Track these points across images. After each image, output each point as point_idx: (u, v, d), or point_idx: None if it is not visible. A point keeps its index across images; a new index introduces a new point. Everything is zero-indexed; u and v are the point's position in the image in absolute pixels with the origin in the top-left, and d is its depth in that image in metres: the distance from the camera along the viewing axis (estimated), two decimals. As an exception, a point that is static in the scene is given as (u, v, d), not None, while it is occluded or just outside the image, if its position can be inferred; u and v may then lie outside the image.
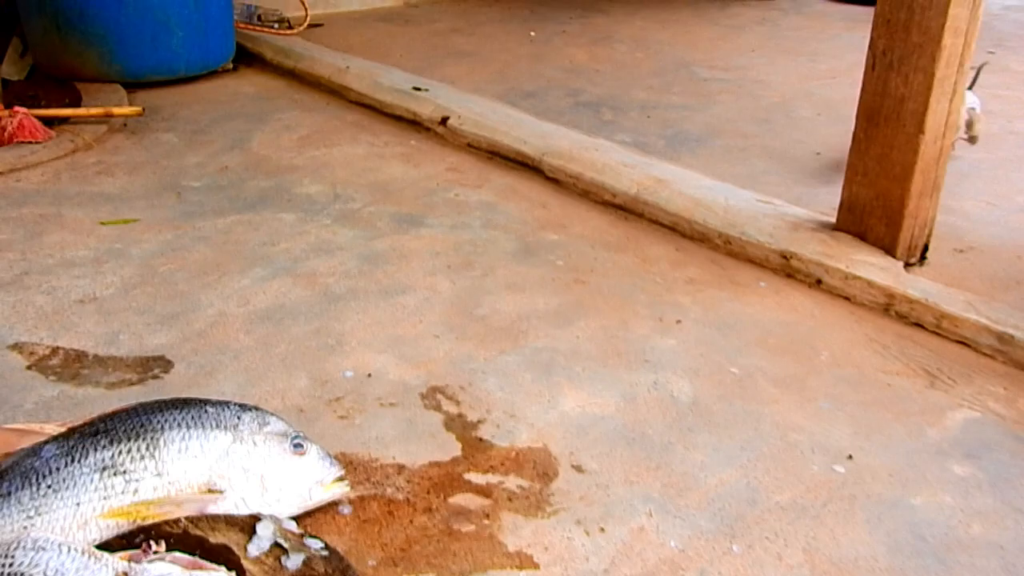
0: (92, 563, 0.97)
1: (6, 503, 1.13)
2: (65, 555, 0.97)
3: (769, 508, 1.42)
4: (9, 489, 1.15)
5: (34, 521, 1.12)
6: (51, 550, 0.98)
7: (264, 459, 1.25)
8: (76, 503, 1.14)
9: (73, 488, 1.14)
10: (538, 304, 1.99)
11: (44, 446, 1.20)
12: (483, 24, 4.93)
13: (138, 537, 1.12)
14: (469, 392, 1.66)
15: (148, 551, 1.07)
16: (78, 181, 2.68)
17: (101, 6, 3.54)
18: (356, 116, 3.32)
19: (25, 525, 1.12)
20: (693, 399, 1.68)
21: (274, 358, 1.74)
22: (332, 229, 2.34)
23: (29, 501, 1.14)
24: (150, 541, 1.10)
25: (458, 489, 1.41)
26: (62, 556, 0.97)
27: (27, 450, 1.21)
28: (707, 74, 3.94)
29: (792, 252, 2.13)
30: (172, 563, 1.03)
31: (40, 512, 1.13)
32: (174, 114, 3.33)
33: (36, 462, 1.17)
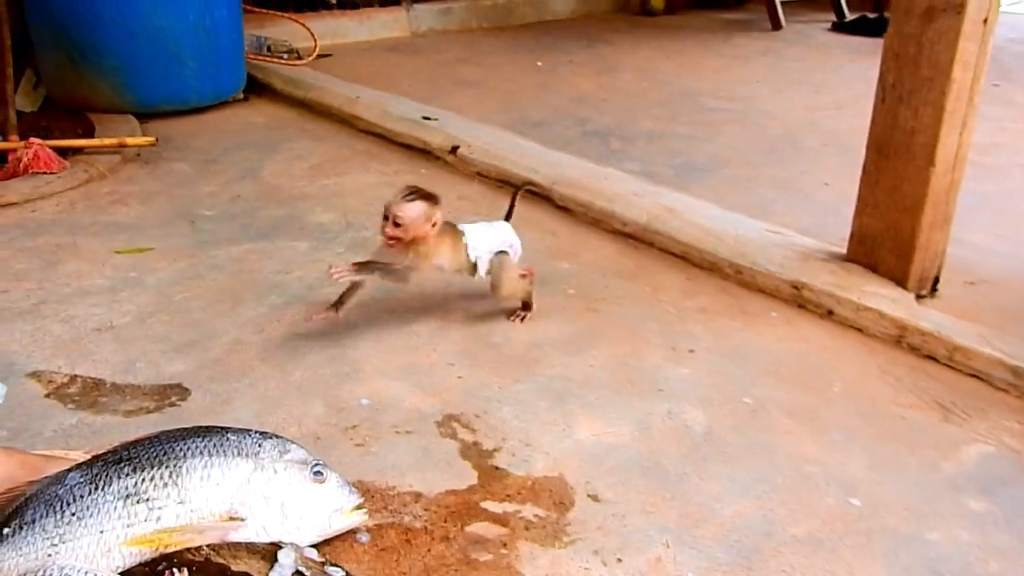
0: (118, 591, 0.98)
1: (31, 531, 1.14)
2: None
3: (785, 541, 1.42)
4: (34, 517, 1.15)
5: (59, 549, 1.13)
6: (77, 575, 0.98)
7: (284, 487, 1.26)
8: (100, 531, 1.14)
9: (97, 516, 1.15)
10: (551, 332, 2.00)
11: (68, 474, 1.21)
12: (489, 54, 4.99)
13: (161, 565, 1.13)
14: (484, 420, 1.67)
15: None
16: (93, 211, 2.71)
17: (115, 38, 3.60)
18: (366, 145, 3.36)
19: (50, 553, 1.12)
20: (707, 429, 1.69)
21: (290, 385, 1.75)
22: (345, 257, 2.35)
23: (54, 529, 1.14)
24: (173, 569, 1.10)
25: (475, 518, 1.41)
26: (88, 584, 0.97)
27: (51, 478, 1.22)
28: (713, 104, 3.99)
29: (803, 283, 2.15)
30: (197, 591, 1.03)
31: (64, 540, 1.13)
32: (186, 144, 3.37)
33: (60, 490, 1.18)
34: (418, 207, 1.84)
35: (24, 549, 1.13)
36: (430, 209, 1.86)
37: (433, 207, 1.87)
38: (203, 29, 3.74)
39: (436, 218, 1.88)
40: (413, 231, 1.84)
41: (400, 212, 1.83)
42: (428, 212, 1.86)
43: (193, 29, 3.71)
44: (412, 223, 1.83)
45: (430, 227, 1.87)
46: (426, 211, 1.85)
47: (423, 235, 1.86)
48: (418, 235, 1.85)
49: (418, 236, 1.86)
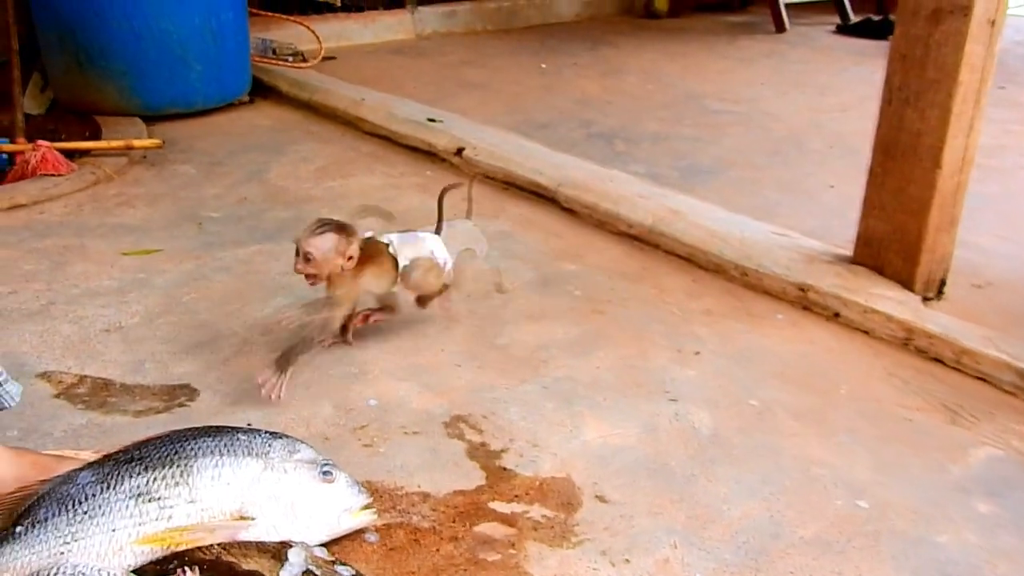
0: (130, 589, 0.98)
1: (43, 529, 1.15)
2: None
3: (793, 543, 1.42)
4: (46, 515, 1.16)
5: (70, 547, 1.13)
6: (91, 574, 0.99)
7: (294, 486, 1.26)
8: (111, 529, 1.15)
9: (108, 514, 1.16)
10: (557, 334, 2.00)
11: (79, 473, 1.22)
12: (493, 56, 5.00)
13: (172, 563, 1.13)
14: (491, 421, 1.67)
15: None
16: (100, 213, 2.72)
17: (121, 42, 3.61)
18: (371, 147, 3.37)
19: (61, 551, 1.13)
20: (714, 431, 1.69)
21: (298, 386, 1.76)
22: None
23: (65, 527, 1.15)
24: (184, 567, 1.11)
25: (483, 518, 1.42)
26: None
27: (62, 477, 1.22)
28: (717, 106, 3.99)
29: (809, 285, 2.15)
30: (207, 590, 1.04)
31: (76, 538, 1.14)
32: (192, 146, 3.38)
33: (72, 489, 1.19)
34: (329, 240, 1.72)
35: (37, 547, 1.14)
36: (344, 242, 1.74)
37: (347, 240, 1.74)
38: (209, 32, 3.76)
39: (352, 251, 1.75)
40: (327, 267, 1.73)
41: (310, 247, 1.71)
42: (341, 246, 1.73)
43: (199, 32, 3.73)
44: (324, 258, 1.72)
45: (346, 261, 1.75)
46: (338, 245, 1.73)
47: (338, 270, 1.75)
48: (333, 271, 1.75)
49: (333, 272, 1.75)
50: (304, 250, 1.72)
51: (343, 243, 1.74)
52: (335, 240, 1.74)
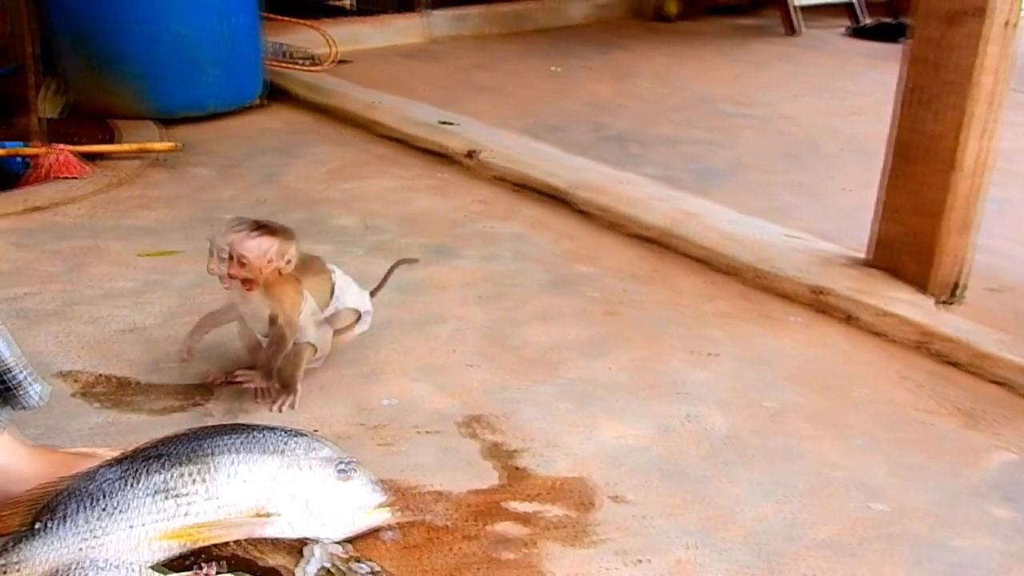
0: (152, 584, 0.99)
1: (64, 525, 1.16)
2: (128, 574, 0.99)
3: (808, 545, 1.41)
4: (67, 512, 1.17)
5: (91, 543, 1.14)
6: (111, 571, 1.00)
7: (311, 484, 1.27)
8: (131, 526, 1.16)
9: (128, 511, 1.17)
10: (571, 335, 2.01)
11: (100, 470, 1.23)
12: (505, 60, 5.02)
13: (191, 559, 1.14)
14: (506, 421, 1.68)
15: (201, 573, 1.09)
16: (117, 215, 2.74)
17: (137, 46, 3.64)
18: (385, 150, 3.38)
19: (82, 547, 1.14)
20: (728, 433, 1.69)
21: (314, 386, 1.77)
22: (366, 260, 2.37)
23: (86, 523, 1.16)
24: (204, 563, 1.12)
25: (499, 517, 1.42)
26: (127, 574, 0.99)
27: (83, 474, 1.23)
28: (731, 109, 3.99)
29: (824, 288, 2.14)
30: (229, 585, 1.05)
31: (97, 534, 1.15)
32: (208, 149, 3.40)
33: (92, 485, 1.20)
34: (266, 243, 1.59)
35: (57, 544, 1.15)
36: (282, 245, 1.61)
37: (285, 243, 1.61)
38: (223, 36, 3.79)
39: (290, 255, 1.62)
40: (260, 271, 1.60)
41: (243, 249, 1.57)
42: (280, 248, 1.60)
43: (214, 36, 3.76)
44: (258, 261, 1.58)
45: (284, 265, 1.62)
46: (278, 248, 1.60)
47: (272, 276, 1.62)
48: (268, 276, 1.61)
49: (269, 277, 1.61)
50: (238, 252, 1.57)
51: (282, 246, 1.61)
52: (271, 243, 1.60)
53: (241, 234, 1.59)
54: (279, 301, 1.64)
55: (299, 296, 1.67)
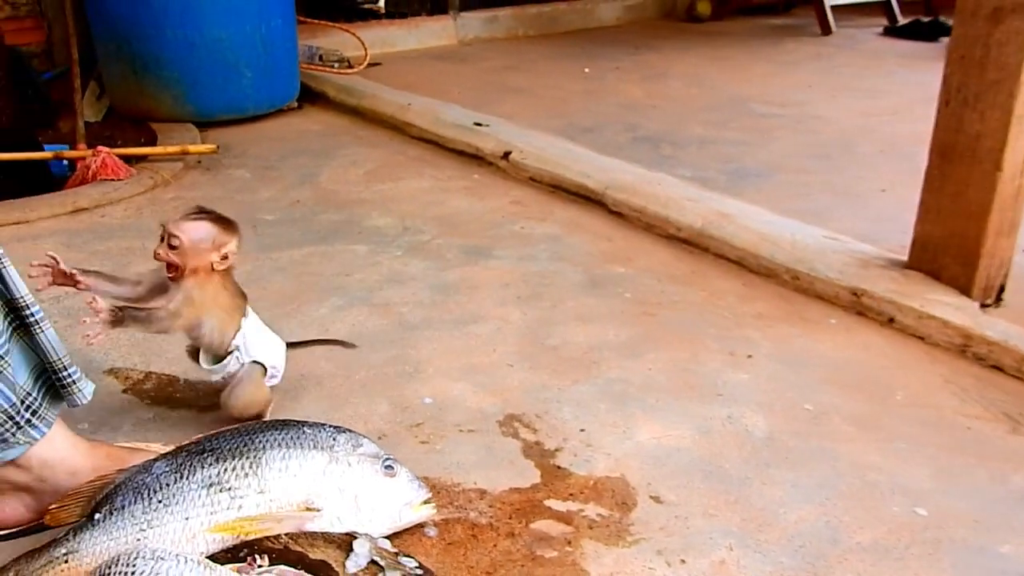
0: (208, 573, 1.02)
1: (121, 516, 1.19)
2: (183, 564, 1.02)
3: (851, 548, 1.41)
4: (123, 503, 1.21)
5: (146, 534, 1.17)
6: (169, 560, 1.03)
7: (358, 479, 1.29)
8: (185, 517, 1.19)
9: (182, 503, 1.20)
10: (608, 336, 2.01)
11: (154, 463, 1.26)
12: (536, 61, 5.03)
13: (242, 551, 1.17)
14: (545, 420, 1.69)
15: (253, 564, 1.11)
16: (159, 215, 2.79)
17: (176, 50, 3.71)
18: (419, 151, 3.41)
19: (138, 537, 1.17)
20: (768, 434, 1.69)
21: (355, 384, 1.79)
22: (403, 260, 2.40)
23: (141, 515, 1.19)
24: (254, 555, 1.14)
25: (539, 515, 1.43)
26: (180, 566, 1.02)
27: (138, 467, 1.27)
28: (764, 110, 3.97)
29: (863, 290, 2.13)
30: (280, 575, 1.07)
31: (152, 525, 1.18)
32: (245, 151, 3.45)
33: (147, 478, 1.23)
34: (203, 228, 1.45)
35: (115, 533, 1.18)
36: (221, 236, 1.46)
37: (227, 235, 1.47)
38: (260, 40, 3.85)
39: (230, 250, 1.48)
40: (195, 259, 1.45)
41: (178, 231, 1.43)
42: (218, 239, 1.46)
43: (250, 40, 3.82)
44: (192, 248, 1.43)
45: (219, 260, 1.47)
46: (216, 237, 1.45)
47: (205, 269, 1.47)
48: (200, 266, 1.46)
49: (200, 268, 1.46)
50: (170, 233, 1.43)
51: (221, 237, 1.47)
52: (211, 230, 1.46)
53: (183, 217, 1.46)
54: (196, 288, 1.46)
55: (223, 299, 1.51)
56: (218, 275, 1.50)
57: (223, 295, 1.52)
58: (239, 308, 1.57)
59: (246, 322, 1.57)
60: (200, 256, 1.46)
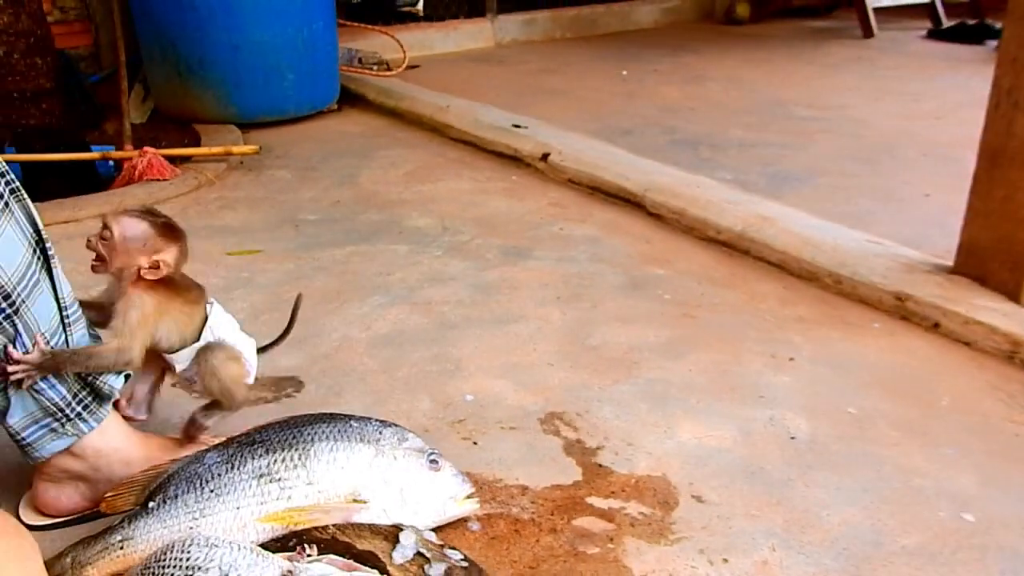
0: (260, 560, 1.04)
1: (174, 505, 1.22)
2: (236, 552, 1.05)
3: (896, 551, 1.40)
4: (176, 492, 1.24)
5: (199, 522, 1.20)
6: (223, 547, 1.05)
7: (403, 473, 1.31)
8: (236, 507, 1.22)
9: (233, 493, 1.23)
10: (648, 337, 2.02)
11: (206, 454, 1.29)
12: (573, 64, 5.04)
13: (292, 541, 1.19)
14: (586, 419, 1.70)
15: (303, 553, 1.14)
16: (204, 215, 2.85)
17: (220, 52, 3.79)
18: (458, 153, 3.44)
19: (191, 526, 1.20)
20: (811, 437, 1.67)
21: (397, 380, 1.82)
22: (443, 260, 2.43)
23: (194, 503, 1.22)
24: (303, 545, 1.16)
25: (581, 512, 1.44)
26: (233, 553, 1.04)
27: (191, 457, 1.30)
28: (804, 113, 3.94)
29: (907, 294, 2.10)
30: (329, 564, 1.09)
31: (204, 514, 1.21)
32: (286, 152, 3.51)
33: (200, 468, 1.26)
34: (139, 228, 1.32)
35: (168, 522, 1.22)
36: (157, 241, 1.33)
37: (163, 242, 1.34)
38: (301, 42, 3.91)
39: (163, 260, 1.33)
40: (121, 258, 1.31)
41: (113, 223, 1.31)
42: (152, 243, 1.32)
43: (292, 42, 3.88)
44: (121, 244, 1.31)
45: (149, 263, 1.32)
46: (150, 240, 1.32)
47: (133, 273, 1.33)
48: (126, 268, 1.32)
49: (127, 272, 1.33)
50: (105, 223, 1.32)
51: (156, 241, 1.33)
52: (148, 232, 1.33)
53: (123, 211, 1.35)
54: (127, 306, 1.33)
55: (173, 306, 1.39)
56: (159, 287, 1.35)
57: (171, 303, 1.38)
58: (196, 303, 1.43)
59: (210, 314, 1.44)
60: (128, 256, 1.31)
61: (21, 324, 1.24)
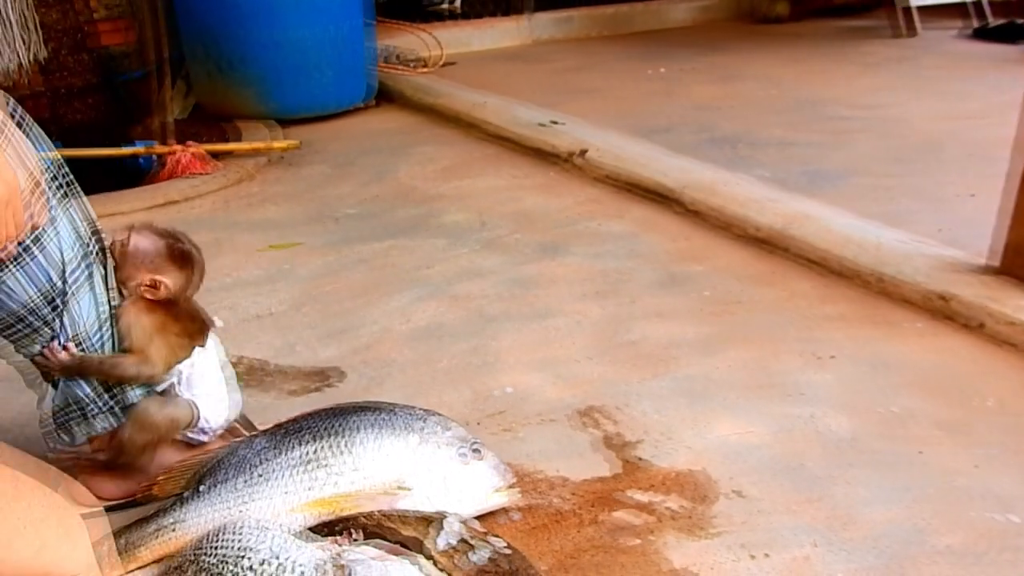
0: (309, 543, 1.06)
1: (224, 488, 1.25)
2: (285, 534, 1.07)
3: (939, 550, 1.38)
4: (226, 476, 1.27)
5: (248, 506, 1.23)
6: (273, 530, 1.08)
7: (446, 461, 1.33)
8: (284, 491, 1.24)
9: (282, 478, 1.25)
10: (686, 333, 2.01)
11: (255, 439, 1.32)
12: (607, 62, 5.03)
13: (338, 526, 1.21)
14: (624, 413, 1.70)
15: (349, 538, 1.16)
16: (244, 209, 2.90)
17: (260, 49, 3.85)
18: (493, 149, 3.46)
19: (241, 509, 1.23)
20: (851, 435, 1.66)
21: (437, 372, 1.84)
22: (480, 255, 2.44)
23: (243, 487, 1.25)
24: (349, 529, 1.19)
25: (620, 505, 1.45)
26: (284, 536, 1.07)
27: (240, 442, 1.33)
28: (844, 112, 3.89)
29: (951, 294, 2.08)
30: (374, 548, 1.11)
31: (253, 498, 1.24)
32: (324, 148, 3.55)
33: (249, 453, 1.29)
34: (149, 245, 1.34)
35: (218, 505, 1.24)
36: (161, 262, 1.34)
37: (168, 265, 1.35)
38: (339, 40, 3.96)
39: (164, 280, 1.34)
40: (126, 267, 1.33)
41: (134, 234, 1.35)
42: (156, 263, 1.34)
43: (330, 40, 3.93)
44: (130, 255, 1.33)
45: (146, 284, 1.33)
46: (154, 261, 1.34)
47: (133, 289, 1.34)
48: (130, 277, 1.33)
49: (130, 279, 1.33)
50: (129, 230, 1.35)
51: (161, 261, 1.35)
52: (155, 252, 1.35)
53: (149, 227, 1.38)
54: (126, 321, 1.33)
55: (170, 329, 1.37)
56: (158, 308, 1.35)
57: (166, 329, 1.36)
58: (191, 337, 1.40)
59: (198, 355, 1.41)
60: (133, 268, 1.33)
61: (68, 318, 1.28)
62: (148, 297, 1.34)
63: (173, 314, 1.37)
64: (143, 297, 1.34)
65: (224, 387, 1.45)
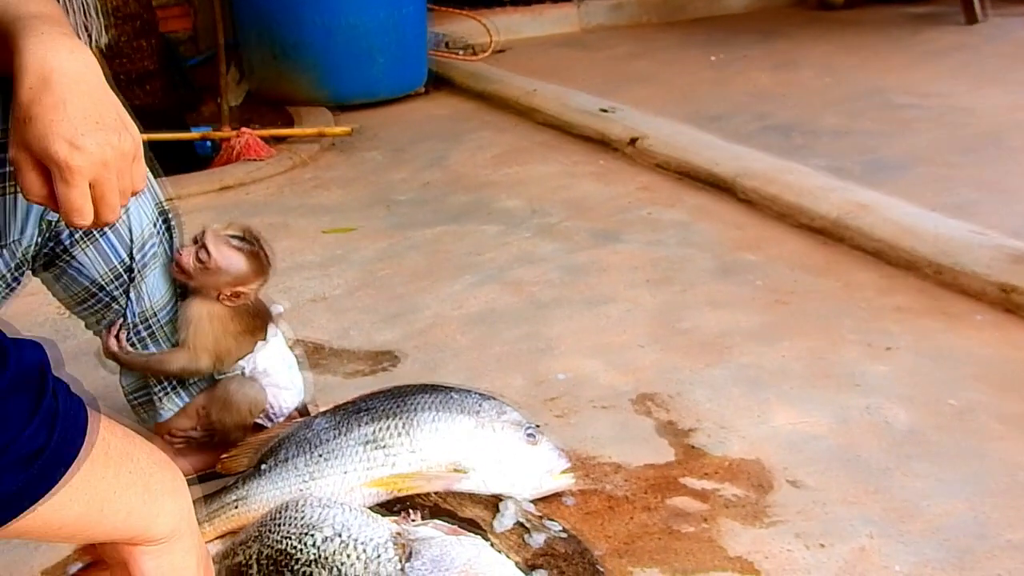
0: (370, 521, 1.09)
1: (286, 468, 1.28)
2: (348, 513, 1.09)
3: (1000, 545, 1.36)
4: (287, 456, 1.30)
5: (308, 485, 1.26)
6: (335, 508, 1.10)
7: (502, 444, 1.34)
8: (344, 471, 1.27)
9: (341, 458, 1.28)
10: (740, 322, 2.00)
11: (315, 420, 1.35)
12: (661, 49, 4.98)
13: (396, 507, 1.24)
14: (678, 401, 1.70)
15: (408, 518, 1.18)
16: (299, 194, 2.95)
17: (314, 36, 3.90)
18: (545, 136, 3.45)
19: (301, 488, 1.26)
20: (910, 427, 1.64)
21: (490, 358, 1.85)
22: (533, 242, 2.45)
23: (304, 467, 1.28)
24: (408, 510, 1.21)
25: (675, 492, 1.45)
26: (345, 514, 1.09)
27: (301, 423, 1.36)
28: (903, 100, 3.80)
29: (1013, 285, 2.02)
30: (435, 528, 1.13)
31: (314, 477, 1.27)
32: (376, 134, 3.59)
33: (309, 433, 1.32)
34: (236, 262, 1.35)
35: (280, 483, 1.28)
36: (248, 275, 1.37)
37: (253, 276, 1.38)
38: (392, 26, 3.99)
39: (244, 291, 1.37)
40: (210, 279, 1.34)
41: (214, 250, 1.33)
42: (243, 277, 1.36)
43: (383, 26, 3.96)
44: (215, 271, 1.33)
45: (230, 293, 1.36)
46: (242, 274, 1.36)
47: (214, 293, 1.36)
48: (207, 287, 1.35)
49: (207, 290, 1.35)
50: (206, 246, 1.33)
51: (248, 275, 1.37)
52: (243, 267, 1.36)
53: (225, 237, 1.37)
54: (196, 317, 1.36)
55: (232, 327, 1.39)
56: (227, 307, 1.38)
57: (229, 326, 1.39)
58: (252, 333, 1.42)
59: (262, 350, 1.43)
60: (216, 280, 1.34)
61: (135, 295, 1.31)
62: (227, 304, 1.37)
63: (237, 313, 1.40)
64: (218, 300, 1.37)
65: (290, 375, 1.47)
